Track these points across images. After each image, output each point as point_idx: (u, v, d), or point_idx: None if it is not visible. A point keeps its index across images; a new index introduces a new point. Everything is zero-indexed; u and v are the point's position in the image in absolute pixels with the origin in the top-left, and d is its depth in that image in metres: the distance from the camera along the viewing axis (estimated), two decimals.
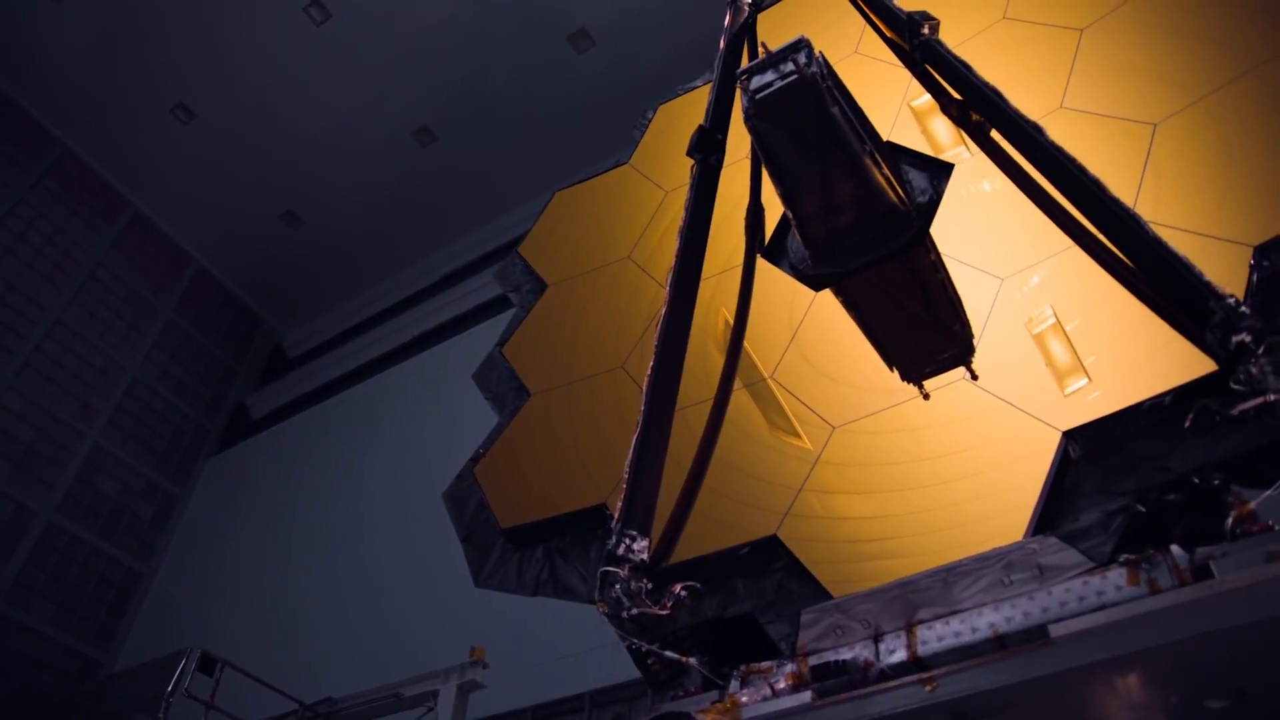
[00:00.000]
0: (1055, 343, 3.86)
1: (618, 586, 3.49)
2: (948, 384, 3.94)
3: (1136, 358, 3.49)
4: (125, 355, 18.85)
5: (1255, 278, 3.35)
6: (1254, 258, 3.39)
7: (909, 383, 4.39)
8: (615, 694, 11.35)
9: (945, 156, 4.90)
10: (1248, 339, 2.80)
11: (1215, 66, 4.09)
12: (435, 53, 17.92)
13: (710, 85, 5.47)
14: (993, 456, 3.55)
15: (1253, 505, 2.93)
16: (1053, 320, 3.90)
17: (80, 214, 18.73)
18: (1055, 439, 3.41)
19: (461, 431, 7.93)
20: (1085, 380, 3.62)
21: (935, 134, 5.13)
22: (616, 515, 3.71)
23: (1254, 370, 2.77)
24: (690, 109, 6.43)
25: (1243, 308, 2.87)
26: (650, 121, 6.75)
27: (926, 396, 4.20)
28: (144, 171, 19.60)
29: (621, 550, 3.56)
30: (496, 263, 18.51)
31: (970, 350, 4.23)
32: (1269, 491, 2.92)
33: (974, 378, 4.10)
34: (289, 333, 22.79)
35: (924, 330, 4.80)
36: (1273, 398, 2.75)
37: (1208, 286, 2.98)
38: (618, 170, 6.59)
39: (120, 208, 19.54)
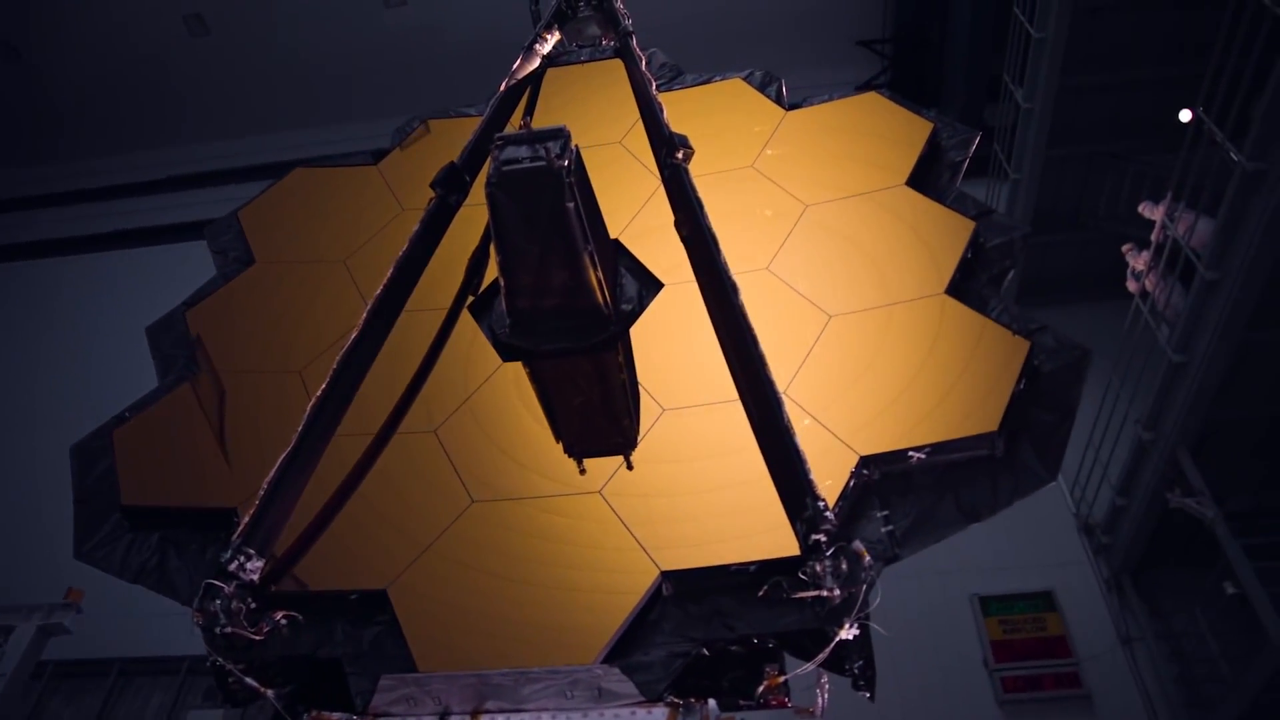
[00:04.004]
0: None
1: (219, 601, 3.43)
2: (582, 494, 4.20)
3: (753, 521, 3.88)
4: None
5: (851, 484, 3.89)
6: (856, 466, 3.92)
7: (570, 457, 4.64)
8: None
9: None
10: (823, 540, 3.21)
11: (892, 284, 4.71)
12: None
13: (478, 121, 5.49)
14: (597, 579, 3.83)
15: (782, 679, 3.39)
16: None
17: None
18: (654, 575, 3.75)
19: (125, 364, 7.33)
20: None
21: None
22: (240, 528, 3.65)
23: (818, 567, 3.19)
24: (455, 135, 6.42)
25: (827, 512, 3.29)
26: (413, 131, 6.66)
27: (583, 472, 4.47)
28: None
29: (234, 566, 3.50)
30: (231, 184, 17.40)
31: (632, 445, 4.55)
32: (799, 670, 3.38)
33: (630, 468, 4.42)
34: None
35: (595, 417, 5.09)
36: (824, 594, 3.19)
37: (809, 485, 3.38)
38: (363, 169, 6.44)
39: None
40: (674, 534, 3.92)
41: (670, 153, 4.73)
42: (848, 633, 3.20)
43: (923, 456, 3.97)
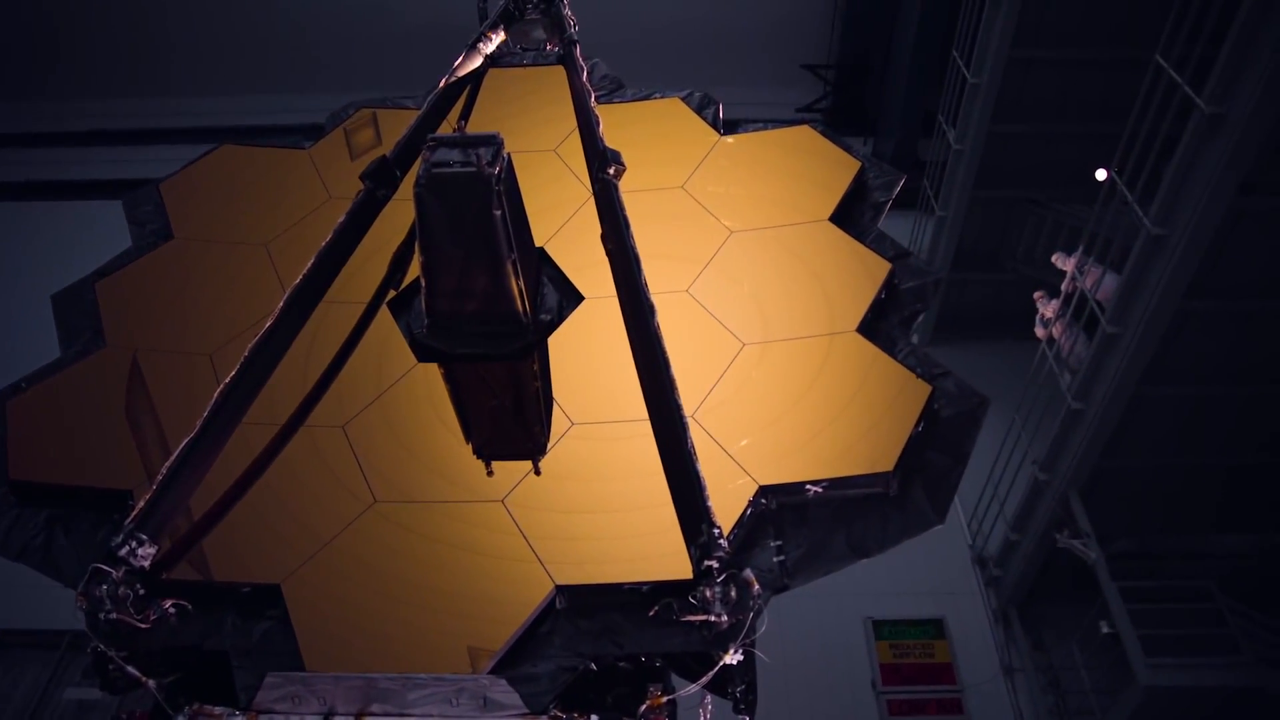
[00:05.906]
0: None
1: (105, 586, 3.36)
2: (485, 503, 4.22)
3: (651, 542, 3.94)
4: None
5: (749, 513, 3.99)
6: (754, 495, 4.03)
7: (479, 458, 4.66)
8: None
9: None
10: (715, 566, 3.30)
11: (805, 319, 4.84)
12: None
13: (415, 115, 5.46)
14: (493, 588, 3.85)
15: (665, 699, 3.46)
16: None
17: None
18: (549, 588, 3.79)
19: (26, 328, 7.06)
20: None
21: None
22: (134, 512, 3.57)
23: (708, 592, 3.27)
24: (391, 126, 6.37)
25: (722, 539, 3.38)
26: (348, 118, 6.58)
27: (490, 474, 4.49)
28: None
29: (124, 551, 3.43)
30: (156, 144, 16.88)
31: (542, 451, 4.58)
32: (683, 691, 3.46)
33: (538, 473, 4.46)
34: None
35: (507, 422, 5.13)
36: (711, 619, 3.28)
37: (707, 511, 3.46)
38: (293, 151, 6.33)
39: None
40: (571, 548, 3.96)
41: (603, 167, 4.77)
42: (731, 658, 3.28)
43: (820, 490, 4.10)
